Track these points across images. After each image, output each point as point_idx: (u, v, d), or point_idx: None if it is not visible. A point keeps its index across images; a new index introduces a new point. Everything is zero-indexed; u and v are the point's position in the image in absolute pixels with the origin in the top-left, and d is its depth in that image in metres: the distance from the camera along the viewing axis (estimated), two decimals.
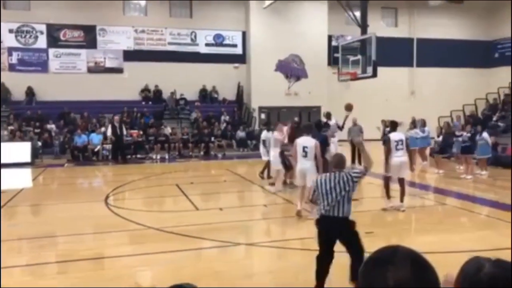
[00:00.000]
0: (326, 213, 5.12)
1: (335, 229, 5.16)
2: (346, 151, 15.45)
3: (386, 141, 9.58)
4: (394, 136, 9.54)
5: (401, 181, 9.53)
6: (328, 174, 5.33)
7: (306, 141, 9.03)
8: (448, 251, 6.66)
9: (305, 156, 8.93)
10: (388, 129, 17.40)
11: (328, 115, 13.89)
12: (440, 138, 16.18)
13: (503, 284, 1.28)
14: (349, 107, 13.37)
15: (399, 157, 9.34)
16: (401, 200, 9.45)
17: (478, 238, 7.49)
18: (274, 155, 11.57)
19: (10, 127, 19.82)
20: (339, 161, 5.50)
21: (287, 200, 10.53)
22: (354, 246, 5.12)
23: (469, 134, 13.91)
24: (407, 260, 1.29)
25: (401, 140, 9.44)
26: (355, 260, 5.02)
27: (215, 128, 22.02)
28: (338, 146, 13.00)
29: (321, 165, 8.99)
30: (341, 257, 5.30)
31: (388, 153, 9.41)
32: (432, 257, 5.14)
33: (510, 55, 27.44)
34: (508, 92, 21.57)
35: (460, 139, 14.25)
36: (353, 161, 15.29)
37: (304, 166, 8.95)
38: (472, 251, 6.78)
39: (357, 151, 14.39)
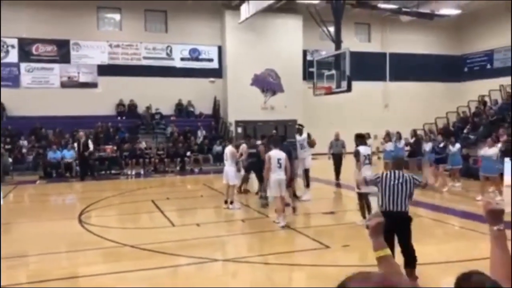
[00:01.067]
0: (388, 208, 5.63)
1: (395, 223, 5.50)
2: (325, 164, 15.62)
3: (356, 154, 9.62)
4: (363, 150, 9.63)
5: (367, 198, 9.52)
6: (391, 172, 5.89)
7: (279, 154, 9.46)
8: (424, 263, 6.73)
9: (280, 167, 9.31)
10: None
11: (299, 130, 13.94)
12: (412, 140, 16.56)
13: None
14: (312, 144, 13.03)
15: (368, 171, 9.43)
16: (368, 213, 9.33)
17: (453, 250, 7.61)
18: (231, 169, 11.26)
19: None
20: (400, 163, 6.33)
21: (264, 215, 10.50)
22: (405, 241, 5.78)
23: (441, 145, 14.20)
24: None
25: (369, 155, 9.69)
26: (406, 256, 5.73)
27: (192, 143, 21.90)
28: (311, 160, 12.99)
29: (289, 175, 9.54)
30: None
31: (360, 166, 9.46)
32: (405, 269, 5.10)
33: (478, 69, 28.34)
34: (478, 105, 22.17)
35: (428, 147, 14.59)
36: (336, 175, 15.36)
37: (280, 176, 9.31)
38: (448, 262, 6.93)
39: (339, 165, 15.28)
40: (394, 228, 5.52)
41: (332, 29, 18.61)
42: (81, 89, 23.34)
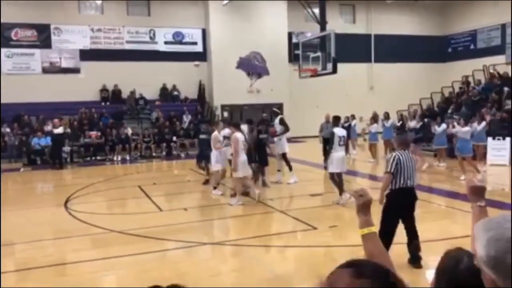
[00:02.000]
0: (404, 185, 5.88)
1: (412, 197, 6.02)
2: (314, 147, 15.62)
3: (332, 135, 9.79)
4: (338, 131, 9.81)
5: (339, 175, 9.81)
6: (402, 152, 6.06)
7: (242, 136, 10.10)
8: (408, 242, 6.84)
9: (244, 149, 9.92)
10: (346, 124, 17.80)
11: (275, 113, 14.02)
12: (399, 124, 16.68)
13: (480, 278, 1.30)
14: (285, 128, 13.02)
15: (342, 152, 9.69)
16: (340, 194, 9.68)
17: (436, 228, 7.74)
18: (212, 154, 11.16)
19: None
20: (406, 141, 6.46)
21: (252, 198, 10.54)
22: (413, 217, 6.02)
23: (418, 125, 14.33)
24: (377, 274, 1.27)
25: (344, 136, 9.85)
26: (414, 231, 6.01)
27: (177, 128, 21.77)
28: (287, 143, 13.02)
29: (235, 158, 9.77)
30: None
31: (331, 148, 9.70)
32: (394, 248, 5.27)
33: (462, 50, 28.51)
34: (461, 85, 22.36)
35: (412, 125, 14.75)
36: (324, 157, 15.04)
37: (245, 158, 9.87)
38: (431, 240, 7.04)
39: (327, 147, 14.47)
40: (413, 201, 6.04)
41: (316, 10, 18.50)
42: (63, 75, 22.95)
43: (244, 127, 11.54)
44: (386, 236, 5.42)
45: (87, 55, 23.34)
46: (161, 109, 23.22)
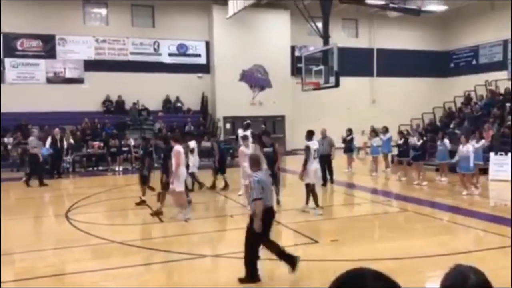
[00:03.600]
0: (268, 205, 5.94)
1: (273, 216, 6.17)
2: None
3: (306, 148, 10.12)
4: (312, 144, 10.15)
5: (313, 186, 10.08)
6: (263, 171, 6.23)
7: (182, 149, 9.78)
8: (411, 256, 6.82)
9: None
10: (349, 137, 17.85)
11: (247, 125, 14.06)
12: (402, 141, 16.60)
13: None
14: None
15: (316, 164, 10.08)
16: (315, 204, 9.99)
17: (439, 243, 7.69)
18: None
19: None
20: (259, 160, 6.43)
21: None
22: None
23: (419, 143, 14.34)
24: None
25: (317, 149, 10.24)
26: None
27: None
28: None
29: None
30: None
31: (306, 161, 9.97)
32: (396, 263, 5.27)
33: (464, 65, 28.62)
34: (464, 100, 22.39)
35: (413, 142, 14.72)
36: (324, 179, 13.76)
37: (185, 171, 9.84)
38: (434, 256, 7.01)
39: (329, 167, 14.12)
40: (272, 220, 6.24)
41: (320, 24, 18.63)
42: (67, 85, 23.11)
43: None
44: (252, 250, 5.89)
45: (91, 65, 23.51)
46: (164, 120, 23.30)
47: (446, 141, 14.31)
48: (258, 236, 5.87)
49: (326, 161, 13.44)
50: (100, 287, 6.10)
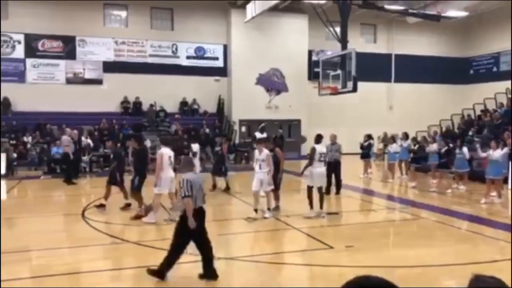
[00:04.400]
0: (198, 206, 6.01)
1: (203, 217, 6.19)
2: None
3: (312, 150, 10.16)
4: (319, 148, 10.13)
5: (320, 190, 10.11)
6: (193, 173, 6.30)
7: (170, 152, 9.86)
8: (427, 265, 6.72)
9: (170, 164, 9.72)
10: (366, 143, 17.75)
11: (263, 128, 14.13)
12: (416, 147, 16.45)
13: None
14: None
15: (321, 168, 10.05)
16: (321, 207, 10.06)
17: (456, 252, 7.57)
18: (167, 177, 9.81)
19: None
20: (191, 162, 6.67)
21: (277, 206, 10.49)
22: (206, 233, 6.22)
23: (443, 150, 14.16)
24: None
25: (324, 153, 10.19)
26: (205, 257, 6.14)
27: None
28: None
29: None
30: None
31: (310, 163, 10.00)
32: (411, 271, 5.19)
33: (484, 72, 28.20)
34: (483, 108, 22.07)
35: (434, 148, 14.52)
36: (328, 187, 12.93)
37: (171, 174, 9.69)
38: (450, 265, 6.89)
39: (337, 174, 13.30)
40: (203, 221, 6.24)
41: (338, 29, 18.57)
42: (86, 86, 23.42)
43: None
44: (177, 250, 5.98)
45: (110, 67, 23.79)
46: (180, 122, 23.44)
47: (465, 149, 14.10)
48: (187, 235, 5.98)
49: (333, 168, 12.77)
50: (115, 286, 6.13)
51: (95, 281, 6.31)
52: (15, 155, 18.82)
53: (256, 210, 9.97)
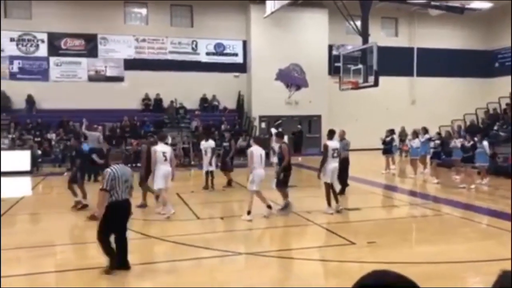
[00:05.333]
0: (120, 198, 6.17)
1: (126, 209, 6.35)
2: (352, 161, 15.34)
3: (324, 147, 10.17)
4: (331, 144, 10.14)
5: (332, 186, 10.18)
6: (116, 166, 6.39)
7: (164, 148, 10.10)
8: (451, 261, 6.60)
9: (166, 160, 9.82)
10: (388, 138, 17.54)
11: (278, 125, 13.88)
12: (438, 142, 16.15)
13: None
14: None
15: (334, 163, 10.06)
16: (336, 201, 10.05)
17: (480, 248, 7.42)
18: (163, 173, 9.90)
19: (10, 136, 19.80)
20: (119, 155, 6.73)
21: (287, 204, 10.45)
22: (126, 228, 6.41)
23: (469, 144, 13.89)
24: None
25: (337, 149, 10.18)
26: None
27: (215, 137, 21.94)
28: None
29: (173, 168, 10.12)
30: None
31: (325, 160, 9.97)
32: (435, 267, 5.09)
33: (510, 64, 27.51)
34: (509, 101, 21.55)
35: (458, 144, 14.25)
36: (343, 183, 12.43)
37: (168, 169, 9.82)
38: (475, 261, 6.76)
39: (345, 172, 12.32)
40: (127, 214, 6.44)
41: (358, 23, 18.35)
42: (107, 83, 23.69)
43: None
44: (105, 242, 6.10)
45: (131, 64, 24.03)
46: (201, 118, 23.54)
47: (485, 143, 13.79)
48: (106, 228, 6.14)
49: (341, 166, 11.51)
50: (137, 281, 6.19)
51: (119, 274, 6.38)
52: (39, 152, 19.20)
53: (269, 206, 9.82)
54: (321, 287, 5.93)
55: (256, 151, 9.62)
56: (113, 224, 6.15)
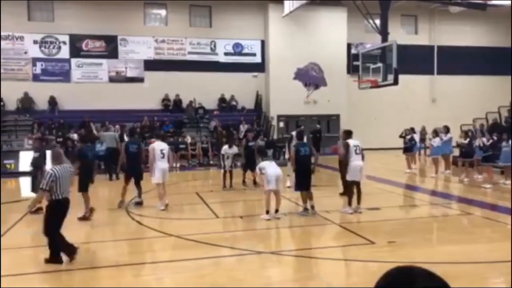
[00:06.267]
0: (61, 197, 6.54)
1: (67, 207, 6.73)
2: (371, 160, 15.28)
3: (346, 145, 10.06)
4: (352, 141, 10.07)
5: (358, 184, 9.99)
6: (62, 166, 6.71)
7: (161, 145, 10.76)
8: (474, 261, 6.51)
9: (163, 157, 10.54)
10: (408, 137, 17.34)
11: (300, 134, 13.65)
12: (466, 141, 15.87)
13: None
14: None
15: (358, 161, 9.94)
16: (358, 202, 9.94)
17: (503, 249, 7.28)
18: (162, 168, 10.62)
19: (33, 136, 20.17)
20: (58, 155, 7.01)
21: (306, 208, 10.42)
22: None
23: (488, 143, 13.64)
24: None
25: (358, 146, 10.03)
26: None
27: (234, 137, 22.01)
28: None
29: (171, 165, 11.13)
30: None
31: (347, 158, 9.92)
32: (458, 268, 5.04)
33: None
34: None
35: (479, 142, 14.01)
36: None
37: (164, 165, 10.57)
38: (497, 262, 6.64)
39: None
40: (66, 211, 6.80)
41: (378, 21, 18.19)
42: (128, 84, 23.98)
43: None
44: (53, 234, 6.50)
45: (151, 65, 24.27)
46: (219, 118, 23.65)
47: (510, 141, 13.52)
48: (52, 224, 6.52)
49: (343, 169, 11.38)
50: (157, 278, 6.27)
51: (138, 273, 6.47)
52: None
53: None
54: (341, 287, 5.90)
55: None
56: (56, 220, 6.58)
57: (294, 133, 13.98)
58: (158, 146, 10.62)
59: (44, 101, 22.85)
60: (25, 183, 15.80)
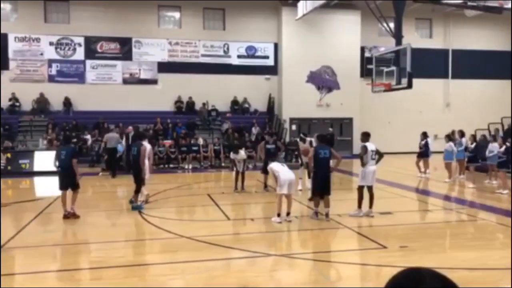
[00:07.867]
0: None
1: None
2: (384, 164, 15.15)
3: (363, 148, 9.91)
4: (369, 146, 9.91)
5: (370, 188, 9.94)
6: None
7: (148, 145, 11.55)
8: (488, 267, 6.43)
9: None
10: (423, 142, 17.19)
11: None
12: (473, 145, 15.69)
13: None
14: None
15: (373, 165, 9.90)
16: (370, 207, 9.87)
17: None
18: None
19: (48, 137, 20.44)
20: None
21: (317, 212, 10.38)
22: None
23: (502, 149, 13.47)
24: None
25: (375, 151, 9.94)
26: None
27: (246, 139, 22.06)
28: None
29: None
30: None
31: (363, 161, 9.85)
32: (469, 273, 4.99)
33: None
34: None
35: (495, 151, 13.84)
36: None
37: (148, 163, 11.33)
38: (510, 268, 6.48)
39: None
40: None
41: (392, 24, 18.09)
42: (141, 86, 24.18)
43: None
44: None
45: (164, 67, 24.45)
46: (232, 120, 23.71)
47: None
48: None
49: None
50: (168, 279, 6.29)
51: (150, 273, 6.51)
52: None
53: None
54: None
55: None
56: None
57: (314, 136, 13.85)
58: (149, 146, 11.70)
59: (59, 102, 23.15)
60: (40, 182, 16.05)
